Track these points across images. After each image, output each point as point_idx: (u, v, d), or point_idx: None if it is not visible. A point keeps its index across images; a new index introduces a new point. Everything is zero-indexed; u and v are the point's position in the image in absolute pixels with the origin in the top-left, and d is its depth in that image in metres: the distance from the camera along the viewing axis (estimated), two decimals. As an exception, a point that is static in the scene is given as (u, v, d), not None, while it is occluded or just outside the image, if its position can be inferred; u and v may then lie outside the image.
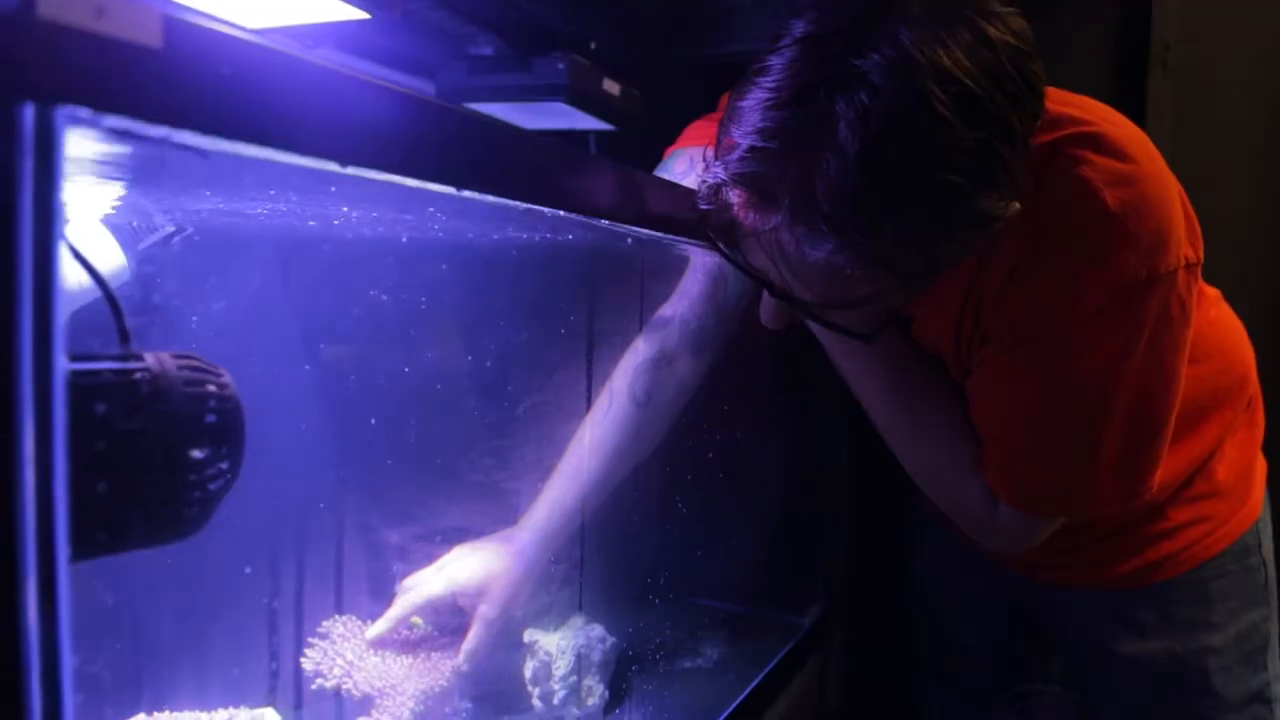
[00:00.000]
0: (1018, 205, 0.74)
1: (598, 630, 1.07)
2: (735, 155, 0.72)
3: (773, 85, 0.70)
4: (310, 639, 0.95)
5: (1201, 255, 0.88)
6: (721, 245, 0.80)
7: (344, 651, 0.96)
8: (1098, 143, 0.83)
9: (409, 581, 1.01)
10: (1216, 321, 1.10)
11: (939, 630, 1.41)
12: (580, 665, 1.02)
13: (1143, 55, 1.70)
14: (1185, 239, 0.85)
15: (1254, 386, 1.14)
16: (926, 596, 1.42)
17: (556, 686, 1.00)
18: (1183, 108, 1.69)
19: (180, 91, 0.30)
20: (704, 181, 0.76)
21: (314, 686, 0.93)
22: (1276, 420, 1.18)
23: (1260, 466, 1.17)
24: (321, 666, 0.94)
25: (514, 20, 1.13)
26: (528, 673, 1.02)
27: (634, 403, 1.05)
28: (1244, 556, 1.12)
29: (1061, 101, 0.86)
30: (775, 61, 0.71)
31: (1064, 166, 0.82)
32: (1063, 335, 0.85)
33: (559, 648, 1.01)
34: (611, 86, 1.19)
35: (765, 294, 0.84)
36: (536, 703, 1.02)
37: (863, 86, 0.66)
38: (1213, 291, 1.11)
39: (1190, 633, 1.11)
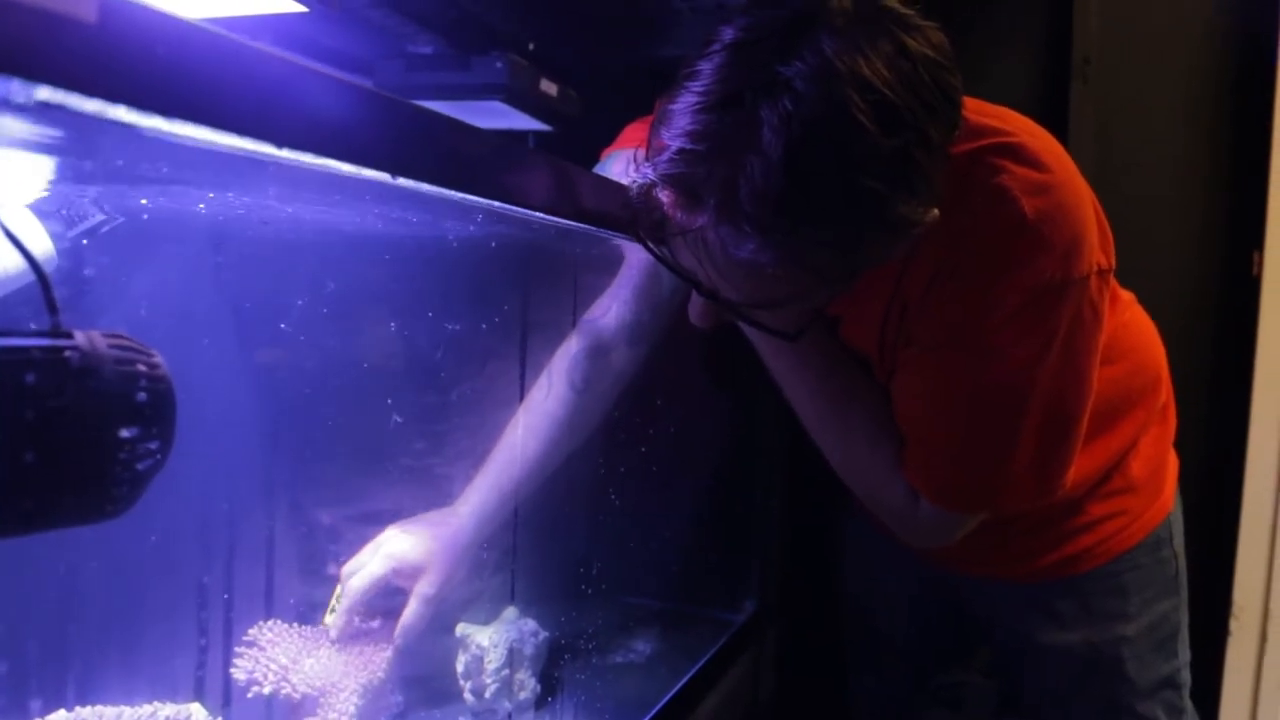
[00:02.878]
0: (936, 212, 0.77)
1: (530, 624, 1.07)
2: (664, 156, 0.74)
3: (701, 89, 0.72)
4: (237, 648, 0.94)
5: (1113, 262, 0.92)
6: (651, 245, 0.81)
7: (277, 656, 0.95)
8: (1016, 153, 0.86)
9: (348, 568, 1.01)
10: (1131, 324, 1.14)
11: (868, 625, 1.44)
12: (512, 659, 1.02)
13: (1065, 68, 1.76)
14: (1098, 246, 0.89)
15: (1166, 386, 1.19)
16: (856, 592, 1.45)
17: (488, 680, 1.00)
18: (1103, 119, 1.76)
19: (114, 66, 0.30)
20: (634, 181, 0.78)
21: (250, 695, 0.92)
22: (1186, 418, 1.23)
23: (1172, 463, 1.21)
24: (255, 674, 0.93)
25: (453, 19, 1.13)
26: (460, 666, 1.02)
27: (571, 389, 1.07)
28: (1156, 549, 1.17)
29: (981, 112, 0.89)
30: (704, 66, 0.73)
31: (983, 175, 0.85)
32: (981, 338, 0.88)
33: (491, 641, 1.01)
34: (549, 87, 1.20)
35: (694, 293, 0.86)
36: (469, 696, 1.02)
37: (786, 93, 0.68)
38: (1127, 295, 1.16)
39: (1106, 623, 1.15)
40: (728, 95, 0.71)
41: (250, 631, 0.96)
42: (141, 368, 0.40)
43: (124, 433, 0.39)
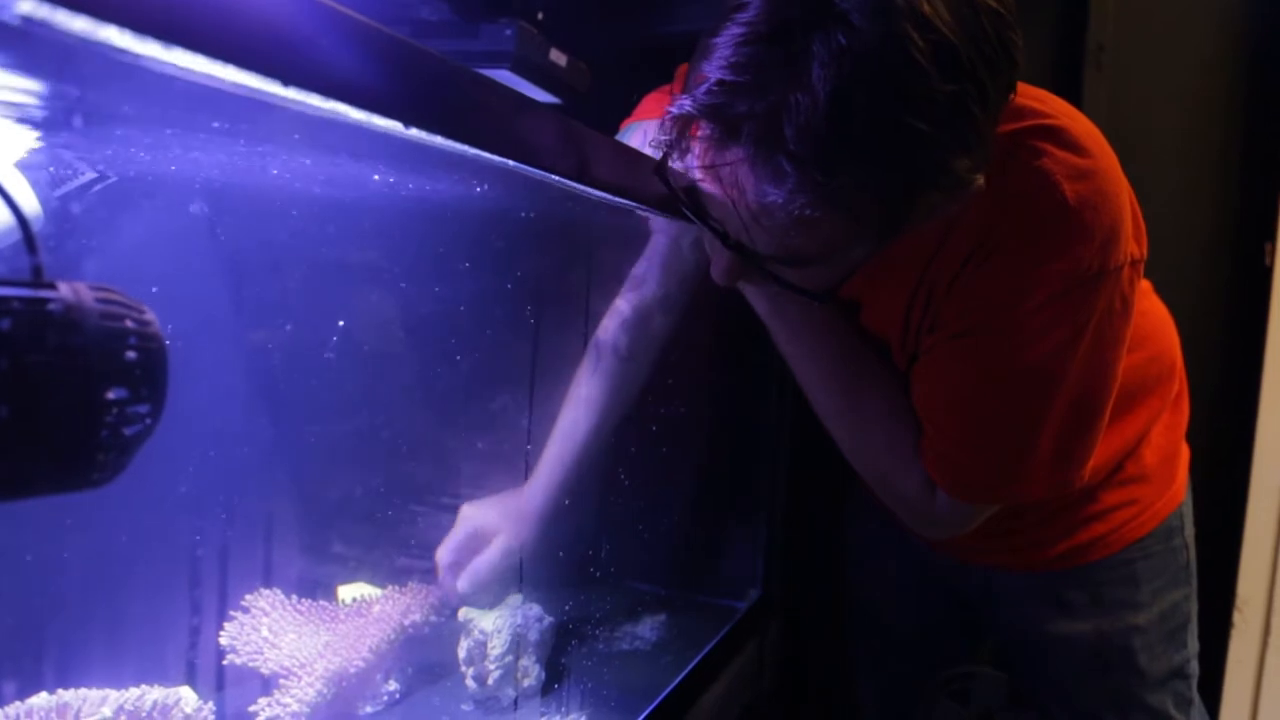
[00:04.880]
0: (982, 180, 0.73)
1: (535, 610, 1.04)
2: (703, 88, 0.69)
3: (748, 20, 0.68)
4: (233, 612, 0.91)
5: (1145, 252, 0.90)
6: (679, 190, 0.77)
7: (260, 627, 0.92)
8: (1058, 136, 0.83)
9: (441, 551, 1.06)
10: (1149, 312, 1.12)
11: (874, 615, 1.42)
12: (517, 645, 1.00)
13: (1079, 54, 1.74)
14: (1132, 236, 0.86)
15: (1180, 375, 1.17)
16: (861, 582, 1.43)
17: (492, 666, 0.97)
18: (1116, 107, 1.73)
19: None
20: (668, 113, 0.73)
21: (225, 662, 0.89)
22: (1194, 410, 1.21)
23: (1184, 452, 1.20)
24: (236, 642, 0.91)
25: (459, -15, 1.09)
26: (462, 652, 0.99)
27: (618, 357, 1.11)
28: (1168, 538, 1.16)
29: (1023, 93, 0.85)
30: None
31: (1025, 158, 0.82)
32: (1011, 324, 0.85)
33: (495, 627, 0.99)
34: (559, 57, 1.16)
35: (718, 251, 0.83)
36: (471, 683, 0.99)
37: (840, 27, 0.64)
38: (1144, 283, 1.13)
39: (1117, 612, 1.14)
40: (776, 27, 0.66)
41: (246, 598, 0.94)
42: (130, 324, 0.37)
43: (110, 394, 0.36)
